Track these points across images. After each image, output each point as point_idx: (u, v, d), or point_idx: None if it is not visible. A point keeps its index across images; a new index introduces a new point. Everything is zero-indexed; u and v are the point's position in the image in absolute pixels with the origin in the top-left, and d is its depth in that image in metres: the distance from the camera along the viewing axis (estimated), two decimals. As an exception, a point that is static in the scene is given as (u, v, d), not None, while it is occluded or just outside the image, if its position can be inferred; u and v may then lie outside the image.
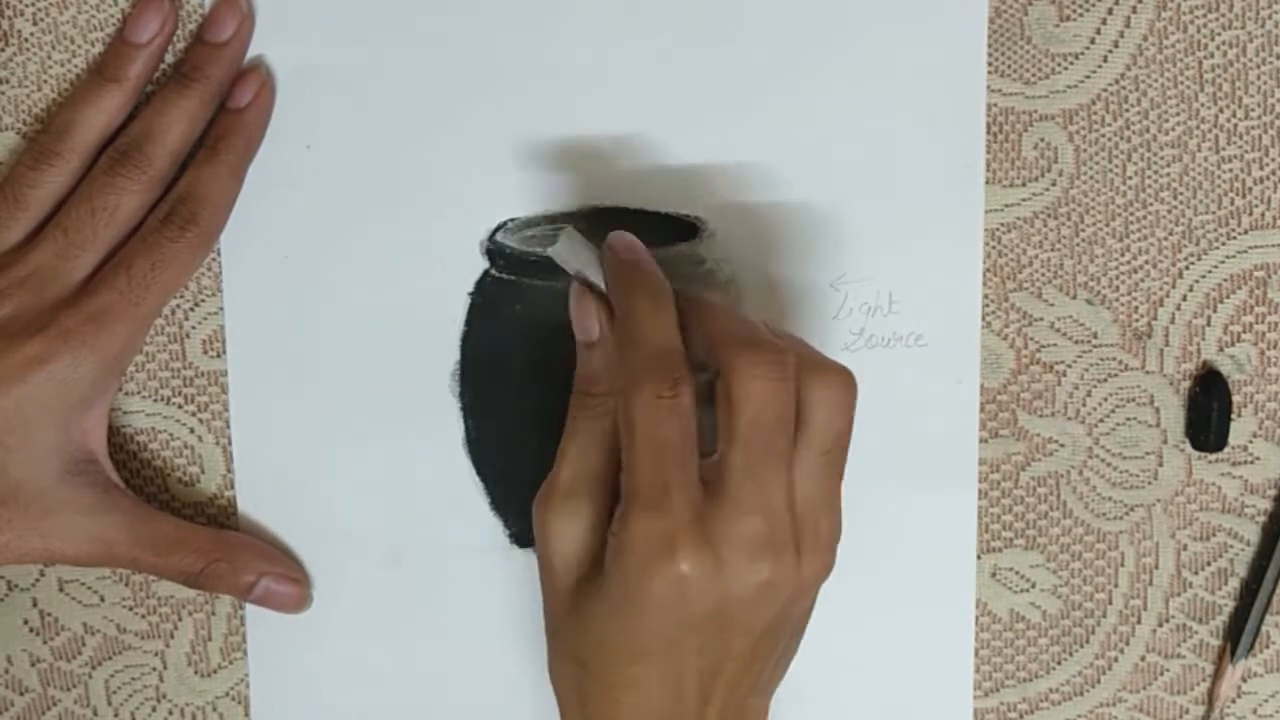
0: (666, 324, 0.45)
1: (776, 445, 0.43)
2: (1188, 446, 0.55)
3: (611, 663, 0.44)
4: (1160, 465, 0.55)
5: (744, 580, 0.43)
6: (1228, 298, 0.54)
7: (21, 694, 0.55)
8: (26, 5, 0.51)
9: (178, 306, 0.52)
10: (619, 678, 0.44)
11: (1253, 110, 0.53)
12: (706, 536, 0.42)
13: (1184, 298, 0.54)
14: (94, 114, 0.49)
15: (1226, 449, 0.55)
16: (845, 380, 0.44)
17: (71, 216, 0.49)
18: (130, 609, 0.54)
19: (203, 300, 0.52)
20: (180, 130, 0.49)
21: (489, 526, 0.53)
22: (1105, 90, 0.53)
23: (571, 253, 0.47)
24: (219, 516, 0.53)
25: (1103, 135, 0.53)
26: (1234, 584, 0.56)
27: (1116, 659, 0.56)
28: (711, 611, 0.43)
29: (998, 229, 0.53)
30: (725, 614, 0.43)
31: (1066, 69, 0.52)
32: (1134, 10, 0.52)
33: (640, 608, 0.43)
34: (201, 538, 0.51)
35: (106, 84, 0.50)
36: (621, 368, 0.44)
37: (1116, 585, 0.55)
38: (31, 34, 0.51)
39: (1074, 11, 0.52)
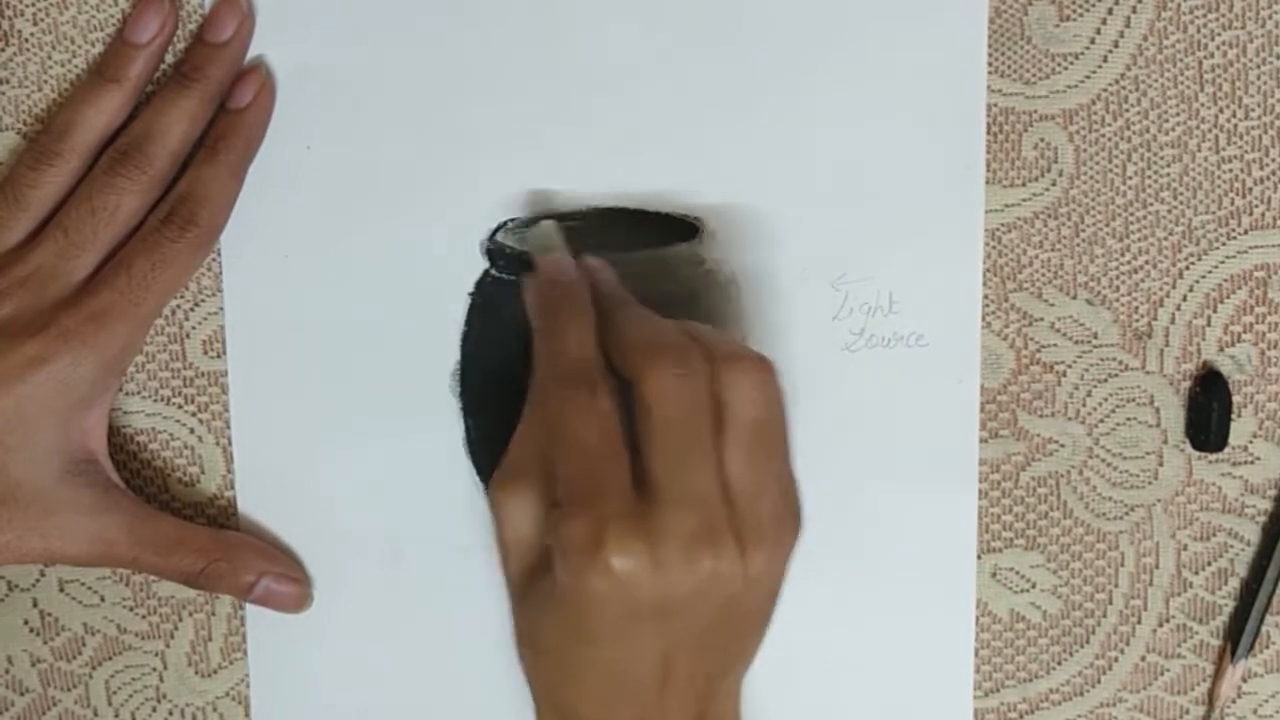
0: (583, 339, 0.46)
1: (695, 438, 0.43)
2: (1188, 446, 0.55)
3: (564, 648, 0.45)
4: (1160, 465, 0.55)
5: (684, 574, 0.43)
6: (1228, 298, 0.54)
7: (22, 694, 0.55)
8: (26, 5, 0.51)
9: (178, 306, 0.52)
10: (572, 660, 0.45)
11: (1253, 110, 0.53)
12: (638, 531, 0.42)
13: (1184, 298, 0.54)
14: (94, 114, 0.50)
15: (1227, 449, 0.55)
16: (759, 366, 0.45)
17: (72, 216, 0.49)
18: (130, 609, 0.54)
19: (203, 300, 0.52)
20: (180, 130, 0.49)
21: (488, 526, 0.53)
22: (1105, 90, 0.53)
23: (544, 242, 0.48)
24: (219, 516, 0.53)
25: (1103, 135, 0.53)
26: (1234, 584, 0.56)
27: (1117, 659, 0.56)
28: (655, 604, 0.43)
29: (998, 229, 0.53)
30: (669, 607, 0.43)
31: (1066, 69, 0.52)
32: (1134, 10, 0.52)
33: (582, 603, 0.43)
34: (202, 538, 0.51)
35: (107, 84, 0.50)
36: (542, 375, 0.45)
37: (1117, 585, 0.55)
38: (31, 34, 0.51)
39: (1074, 11, 0.52)
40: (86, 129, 0.49)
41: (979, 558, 0.55)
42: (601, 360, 0.45)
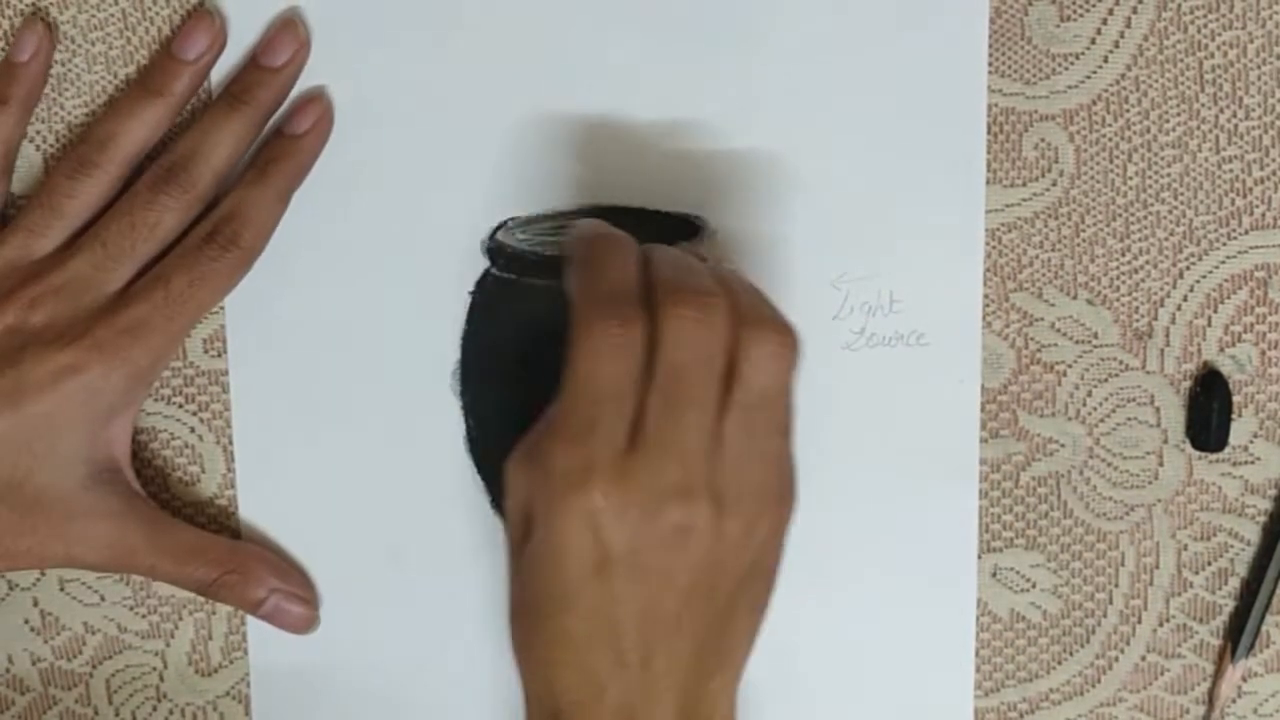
0: (624, 266, 0.45)
1: (694, 390, 0.43)
2: (1188, 446, 0.55)
3: (545, 613, 0.44)
4: (1161, 465, 0.55)
5: (654, 522, 0.42)
6: (1228, 298, 0.54)
7: (22, 693, 0.55)
8: (26, 5, 0.51)
9: (178, 306, 0.52)
10: (554, 629, 0.44)
11: (1253, 111, 0.53)
12: (615, 475, 0.42)
13: (1184, 298, 0.54)
14: (136, 126, 0.49)
15: (1227, 449, 0.55)
16: (781, 337, 0.44)
17: (110, 229, 0.49)
18: (131, 608, 0.54)
19: (203, 300, 0.52)
20: (226, 151, 0.49)
21: (489, 526, 0.53)
22: (1106, 90, 0.53)
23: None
24: (219, 516, 0.54)
25: (1103, 135, 0.53)
26: (1234, 584, 0.56)
27: (1117, 659, 0.56)
28: (626, 554, 0.43)
29: (998, 229, 0.53)
30: (641, 559, 0.43)
31: (1067, 69, 0.52)
32: (1134, 10, 0.52)
33: (556, 545, 0.43)
34: (219, 548, 0.52)
35: (151, 97, 0.50)
36: (577, 310, 0.44)
37: (1117, 585, 0.55)
38: (32, 33, 0.51)
39: (1074, 12, 0.52)
40: (127, 141, 0.49)
41: (979, 557, 0.55)
42: (642, 300, 0.44)
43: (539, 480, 0.43)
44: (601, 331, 0.43)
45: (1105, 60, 0.52)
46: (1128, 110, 0.53)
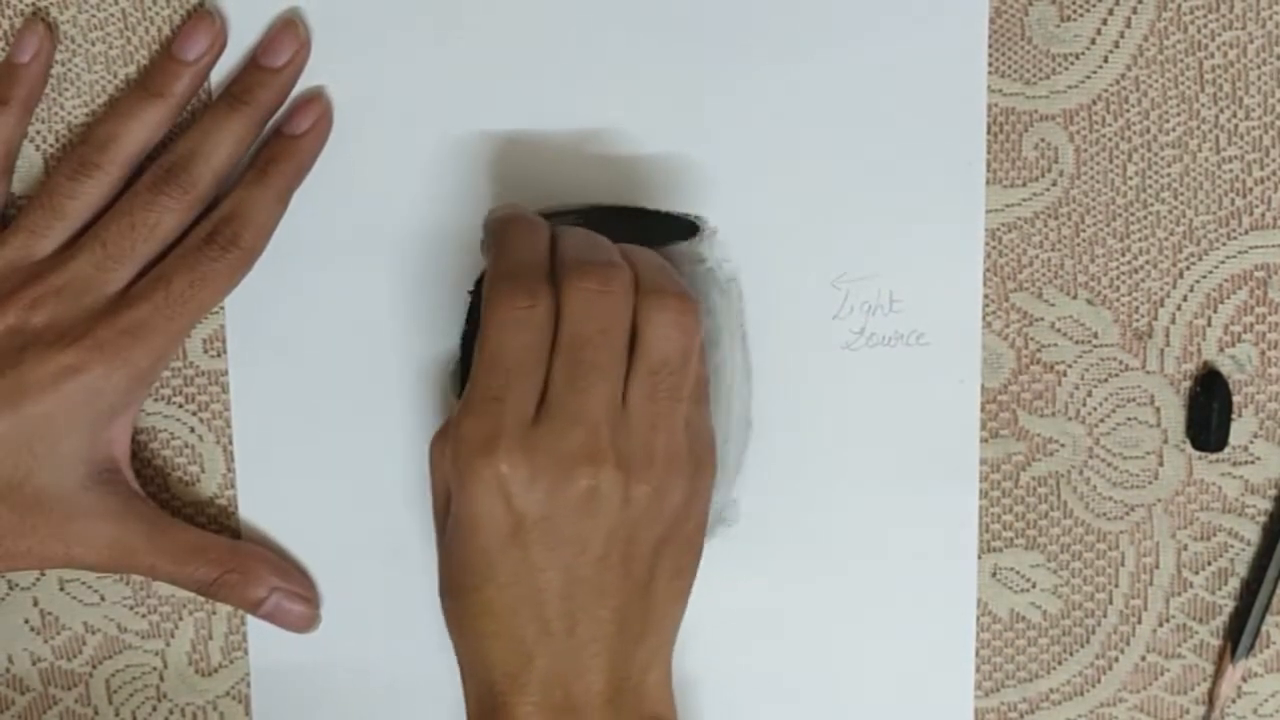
0: (533, 246, 0.46)
1: (598, 358, 0.44)
2: (1188, 446, 0.55)
3: (468, 586, 0.45)
4: (1161, 465, 0.55)
5: (562, 488, 0.44)
6: (1228, 298, 0.54)
7: (22, 693, 0.55)
8: (27, 5, 0.51)
9: (178, 306, 0.52)
10: (477, 602, 0.45)
11: (1253, 111, 0.53)
12: (526, 443, 0.43)
13: (1184, 298, 0.54)
14: (137, 127, 0.49)
15: (1227, 449, 0.55)
16: (680, 304, 0.45)
17: (111, 230, 0.49)
18: (131, 608, 0.54)
19: (203, 299, 0.52)
20: (226, 152, 0.49)
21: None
22: (1106, 90, 0.53)
23: None
24: (219, 516, 0.54)
25: (1103, 135, 0.53)
26: (1234, 584, 0.56)
27: (1117, 659, 0.56)
28: (538, 521, 0.44)
29: (998, 229, 0.53)
30: (553, 525, 0.44)
31: (1067, 69, 0.52)
32: (1134, 10, 0.52)
33: (469, 513, 0.44)
34: (219, 547, 0.52)
35: (151, 99, 0.50)
36: (487, 286, 0.46)
37: (1117, 585, 0.55)
38: (32, 33, 0.51)
39: (1074, 11, 0.52)
40: (128, 142, 0.49)
41: (979, 557, 0.55)
42: (549, 276, 0.45)
43: (451, 453, 0.44)
44: (509, 306, 0.44)
45: (1105, 60, 0.52)
46: (1128, 110, 0.53)
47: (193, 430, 0.53)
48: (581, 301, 0.44)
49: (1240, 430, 0.55)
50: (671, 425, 0.45)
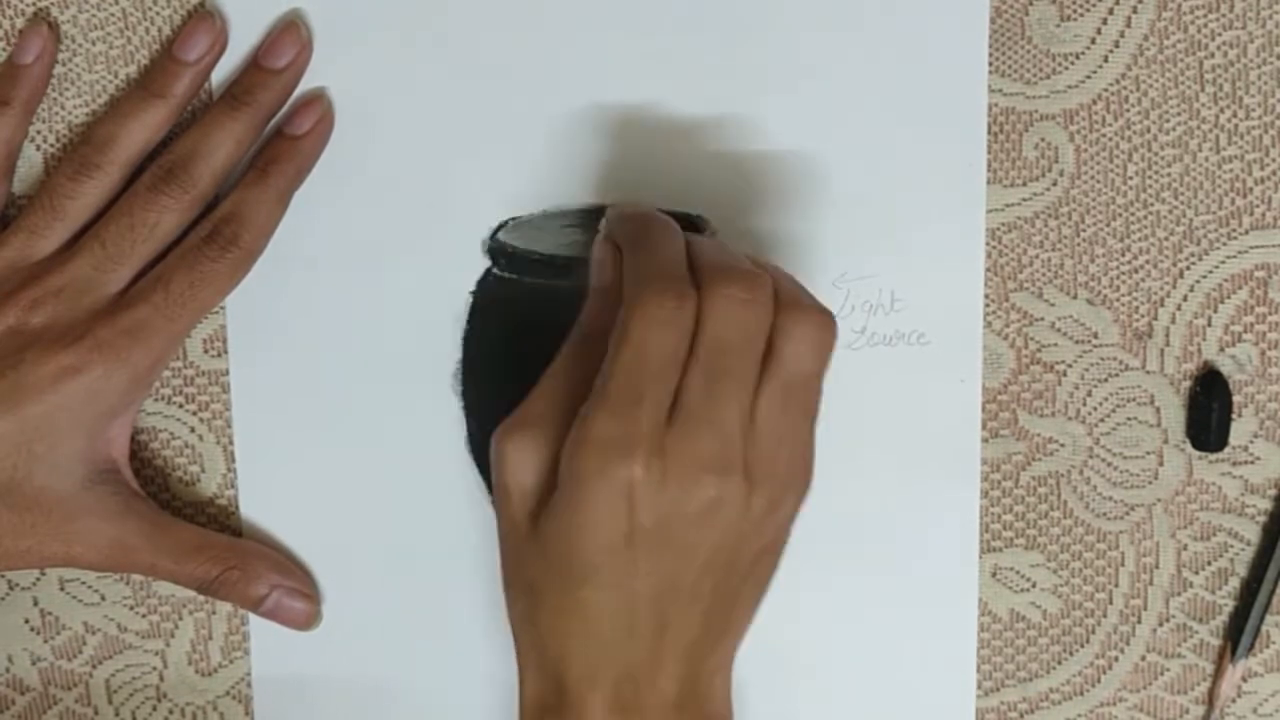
0: (675, 246, 0.46)
1: (736, 367, 0.44)
2: (1188, 446, 0.55)
3: (561, 585, 0.44)
4: (1161, 465, 0.55)
5: (689, 495, 0.43)
6: (1228, 298, 0.54)
7: (22, 693, 0.55)
8: (27, 5, 0.51)
9: (179, 306, 0.52)
10: (568, 602, 0.44)
11: (1254, 110, 0.53)
12: (662, 446, 0.43)
13: (1185, 298, 0.54)
14: (137, 128, 0.49)
15: (1227, 449, 0.55)
16: (821, 320, 0.45)
17: (110, 230, 0.49)
18: (131, 608, 0.54)
19: (204, 299, 0.52)
20: (226, 152, 0.49)
21: (489, 526, 0.53)
22: (1106, 90, 0.53)
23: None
24: (219, 516, 0.54)
25: (1103, 135, 0.53)
26: (1234, 584, 0.56)
27: (1117, 659, 0.56)
28: (655, 526, 0.43)
29: (998, 229, 0.53)
30: (668, 531, 0.43)
31: (1067, 69, 0.52)
32: (1135, 10, 0.52)
33: (588, 515, 0.43)
34: (220, 545, 0.52)
35: (152, 99, 0.50)
36: (630, 284, 0.45)
37: (1117, 585, 0.55)
38: (32, 33, 0.51)
39: (1075, 11, 0.52)
40: (128, 143, 0.49)
41: (979, 557, 0.55)
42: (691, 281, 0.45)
43: (574, 450, 0.43)
44: (657, 305, 0.43)
45: (1105, 60, 0.52)
46: (1128, 110, 0.53)
47: (193, 430, 0.53)
48: (725, 307, 0.43)
49: (1240, 430, 0.55)
50: (794, 442, 0.45)
